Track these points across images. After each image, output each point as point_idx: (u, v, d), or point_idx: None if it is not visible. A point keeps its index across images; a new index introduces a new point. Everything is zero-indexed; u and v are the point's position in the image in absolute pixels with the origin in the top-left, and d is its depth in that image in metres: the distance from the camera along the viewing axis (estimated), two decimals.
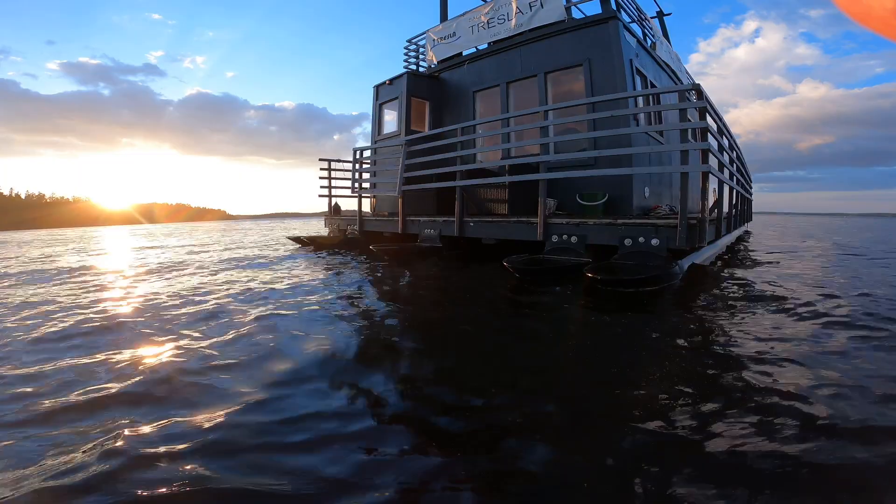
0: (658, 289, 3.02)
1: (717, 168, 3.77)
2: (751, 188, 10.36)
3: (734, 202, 5.51)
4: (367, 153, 6.67)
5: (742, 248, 7.03)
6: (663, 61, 7.17)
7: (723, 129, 4.35)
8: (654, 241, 3.34)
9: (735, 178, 5.84)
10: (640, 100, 5.34)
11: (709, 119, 3.36)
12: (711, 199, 3.81)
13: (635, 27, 6.57)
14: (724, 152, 4.84)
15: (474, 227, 4.53)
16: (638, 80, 5.77)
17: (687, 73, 9.37)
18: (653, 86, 6.28)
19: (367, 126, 7.48)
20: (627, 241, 3.46)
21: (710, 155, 3.23)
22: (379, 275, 4.11)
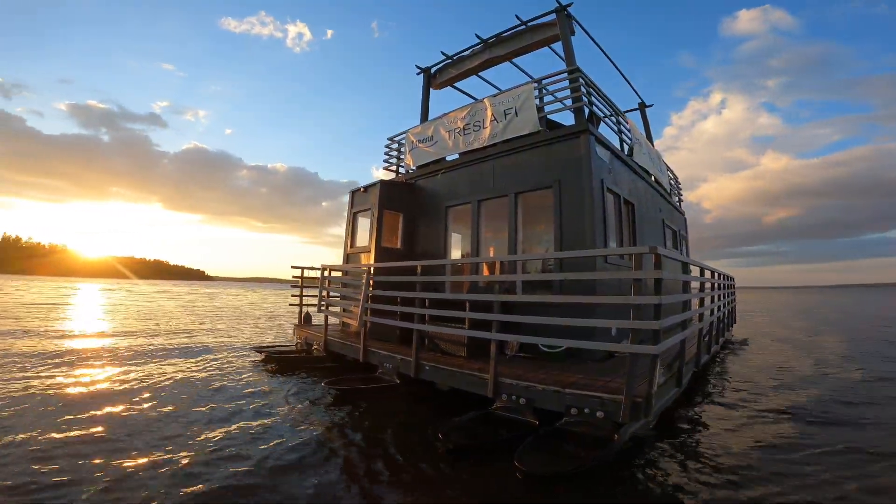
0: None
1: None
2: (733, 291, 10.78)
3: (705, 333, 5.85)
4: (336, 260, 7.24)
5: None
6: (641, 167, 7.88)
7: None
8: (599, 414, 3.68)
9: (714, 308, 6.27)
10: (612, 240, 5.91)
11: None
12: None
13: (611, 133, 7.34)
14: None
15: (429, 371, 4.92)
16: (610, 199, 6.37)
17: (668, 170, 10.17)
18: (627, 203, 6.91)
19: None
20: (573, 410, 3.80)
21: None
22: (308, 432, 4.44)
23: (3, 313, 14.92)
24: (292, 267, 7.86)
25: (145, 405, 4.85)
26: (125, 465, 3.32)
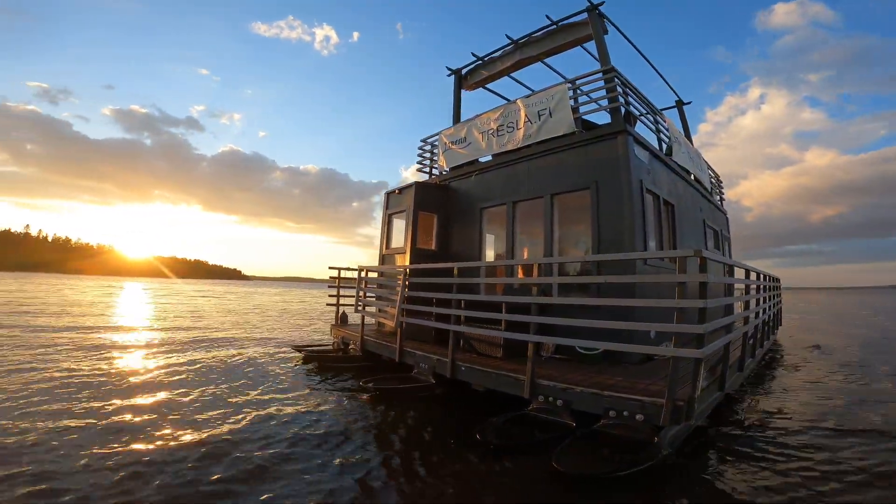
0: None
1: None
2: (779, 293, 10.34)
3: (750, 336, 5.68)
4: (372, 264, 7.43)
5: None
6: (680, 166, 7.71)
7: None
8: (639, 417, 3.66)
9: (759, 311, 6.07)
10: (652, 242, 5.80)
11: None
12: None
13: (648, 132, 7.20)
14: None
15: (465, 372, 4.99)
16: (649, 199, 6.26)
17: (709, 168, 9.86)
18: (666, 203, 6.77)
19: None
20: (612, 413, 3.79)
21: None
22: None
23: (66, 311, 16.03)
24: (329, 268, 8.13)
25: (190, 395, 5.24)
26: (169, 443, 3.70)
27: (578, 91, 6.56)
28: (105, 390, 5.32)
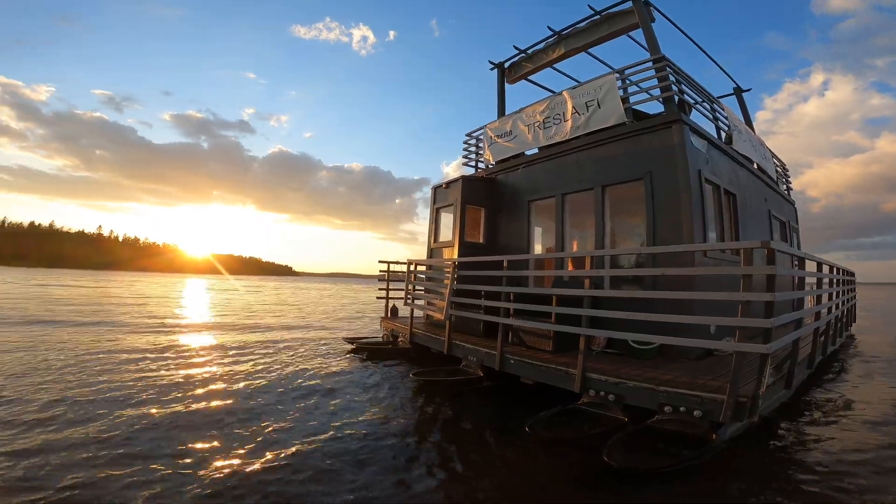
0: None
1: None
2: (853, 287, 9.55)
3: (821, 333, 5.33)
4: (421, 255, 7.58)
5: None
6: (742, 155, 7.30)
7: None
8: (697, 413, 3.55)
9: (832, 306, 5.68)
10: (711, 233, 5.57)
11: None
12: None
13: (705, 121, 6.86)
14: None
15: (514, 365, 5.01)
16: (708, 190, 5.97)
17: (773, 157, 9.25)
18: (727, 193, 6.45)
19: (428, 190, 8.52)
20: (667, 409, 3.70)
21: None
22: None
23: (145, 302, 17.50)
24: (380, 261, 8.37)
25: (254, 378, 5.77)
26: (232, 420, 4.06)
27: (627, 81, 6.38)
28: (177, 362, 6.17)
